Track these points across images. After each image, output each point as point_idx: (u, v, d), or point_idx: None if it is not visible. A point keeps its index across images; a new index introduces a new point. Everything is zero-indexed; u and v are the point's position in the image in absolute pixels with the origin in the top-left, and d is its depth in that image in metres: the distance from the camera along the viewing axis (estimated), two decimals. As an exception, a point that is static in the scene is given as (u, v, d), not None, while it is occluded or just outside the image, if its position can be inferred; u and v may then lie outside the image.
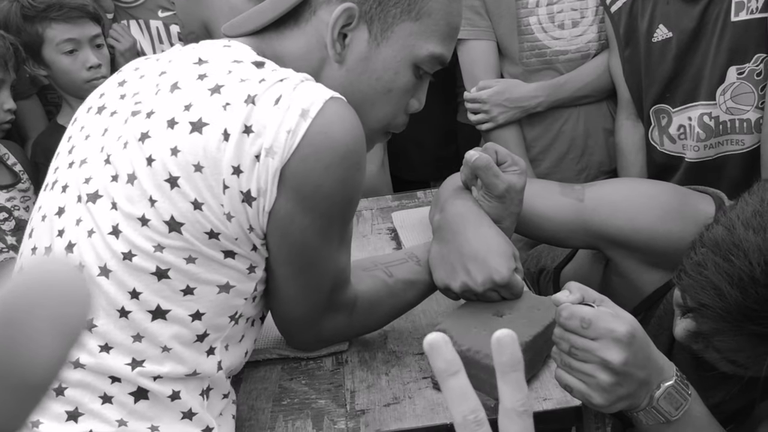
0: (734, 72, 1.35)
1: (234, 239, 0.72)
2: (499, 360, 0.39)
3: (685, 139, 1.43)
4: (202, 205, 0.70)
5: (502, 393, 0.39)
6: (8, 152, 1.58)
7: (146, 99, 0.76)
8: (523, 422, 0.39)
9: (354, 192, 0.76)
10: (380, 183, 1.78)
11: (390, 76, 0.82)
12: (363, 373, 0.92)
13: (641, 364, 0.69)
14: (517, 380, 0.39)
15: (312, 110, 0.70)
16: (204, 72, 0.75)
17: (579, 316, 0.69)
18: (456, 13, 0.85)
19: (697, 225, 0.80)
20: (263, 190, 0.70)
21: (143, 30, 1.97)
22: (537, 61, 1.60)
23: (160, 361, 0.73)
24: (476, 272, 0.86)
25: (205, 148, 0.69)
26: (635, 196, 0.98)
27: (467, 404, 0.38)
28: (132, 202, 0.71)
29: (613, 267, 1.03)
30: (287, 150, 0.69)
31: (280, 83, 0.72)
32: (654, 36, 1.42)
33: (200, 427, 0.75)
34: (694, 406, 0.72)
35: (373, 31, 0.80)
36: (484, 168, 0.91)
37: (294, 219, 0.73)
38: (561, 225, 1.02)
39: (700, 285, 0.73)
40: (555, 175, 1.63)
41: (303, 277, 0.80)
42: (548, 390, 0.83)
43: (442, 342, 0.38)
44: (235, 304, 0.76)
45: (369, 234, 1.36)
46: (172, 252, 0.71)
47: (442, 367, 0.38)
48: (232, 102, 0.71)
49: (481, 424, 0.38)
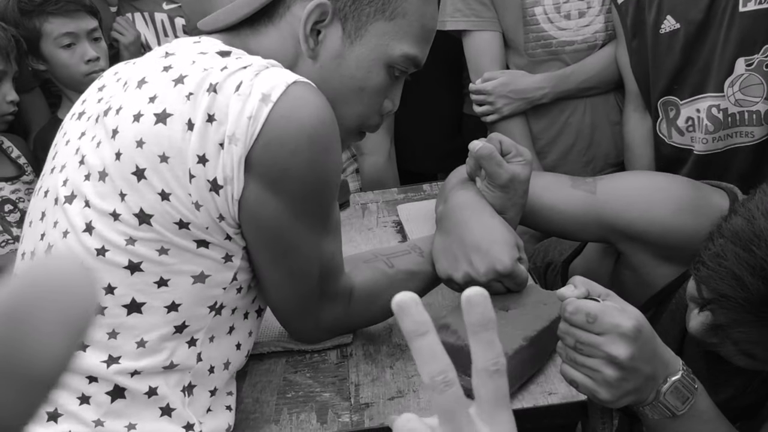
0: (743, 63, 1.33)
1: (204, 228, 0.72)
2: (469, 320, 0.38)
3: (693, 132, 1.42)
4: (170, 195, 0.70)
5: (474, 353, 0.38)
6: (12, 145, 1.58)
7: (116, 96, 0.77)
8: (495, 382, 0.38)
9: (327, 175, 0.75)
10: (387, 175, 1.78)
11: (363, 74, 0.82)
12: (367, 367, 0.92)
13: (647, 358, 0.69)
14: (489, 339, 0.38)
15: (273, 95, 0.70)
16: (169, 64, 0.76)
17: (584, 311, 0.68)
18: (430, 16, 0.85)
19: (711, 219, 0.79)
20: (229, 178, 0.70)
21: (148, 23, 1.96)
22: (543, 52, 1.59)
23: (136, 356, 0.73)
24: (478, 262, 0.85)
25: (170, 139, 0.70)
26: (649, 189, 0.97)
27: (436, 365, 0.37)
28: (104, 198, 0.72)
29: (624, 261, 1.02)
30: (250, 136, 0.69)
31: (242, 70, 0.72)
32: (662, 27, 1.40)
33: (180, 424, 0.75)
34: (700, 400, 0.72)
35: (347, 29, 0.80)
36: (487, 157, 0.91)
37: (265, 204, 0.73)
38: (572, 218, 1.01)
39: (719, 276, 0.72)
40: (561, 168, 1.62)
41: (285, 264, 0.79)
42: (554, 385, 0.83)
43: (412, 302, 0.37)
44: (212, 294, 0.76)
45: (374, 227, 1.36)
46: (144, 244, 0.71)
47: (410, 327, 0.37)
48: (195, 91, 0.71)
49: (450, 385, 0.37)
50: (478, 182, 0.96)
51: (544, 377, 0.84)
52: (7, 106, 1.50)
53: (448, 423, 0.38)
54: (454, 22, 1.63)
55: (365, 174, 1.77)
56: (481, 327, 0.38)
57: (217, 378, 0.80)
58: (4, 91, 1.49)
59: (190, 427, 0.76)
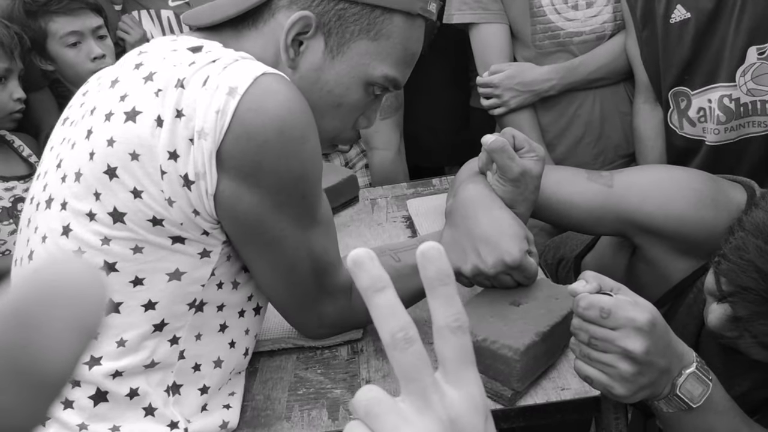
0: (755, 52, 1.32)
1: (179, 224, 0.72)
2: (425, 274, 0.36)
3: (705, 122, 1.40)
4: (142, 192, 0.71)
5: (433, 309, 0.36)
6: (23, 144, 1.59)
7: (92, 98, 0.78)
8: (458, 339, 0.36)
9: (303, 166, 0.74)
10: (397, 170, 1.78)
11: (341, 90, 0.82)
12: (378, 363, 0.92)
13: (662, 352, 0.68)
14: (448, 294, 0.36)
15: (240, 88, 0.69)
16: (140, 62, 0.76)
17: (598, 306, 0.67)
18: (415, 39, 0.85)
19: (729, 213, 0.79)
20: (201, 173, 0.70)
21: (154, 20, 1.96)
22: (550, 44, 1.58)
23: (117, 356, 0.74)
24: (487, 254, 0.85)
25: (140, 136, 0.70)
26: (667, 183, 0.96)
27: (396, 321, 0.35)
28: (79, 198, 0.73)
29: (640, 255, 1.02)
30: (219, 131, 0.69)
31: (210, 65, 0.72)
32: (672, 17, 1.39)
33: (164, 423, 0.75)
34: (715, 391, 0.71)
35: (330, 44, 0.80)
36: (499, 150, 0.90)
37: (241, 199, 0.73)
38: (589, 211, 1.00)
39: (741, 268, 0.72)
40: (571, 160, 1.61)
41: (270, 257, 0.79)
42: (566, 380, 0.82)
43: (367, 258, 0.35)
44: (190, 291, 0.76)
45: (384, 222, 1.35)
46: (118, 243, 0.72)
47: (367, 283, 0.35)
48: (164, 88, 0.71)
49: (411, 342, 0.35)
50: (489, 176, 0.95)
51: (556, 372, 0.84)
52: (14, 104, 1.51)
53: (411, 383, 0.35)
54: (461, 14, 1.62)
55: (375, 169, 1.77)
56: (439, 282, 0.36)
57: (206, 376, 0.80)
58: (11, 89, 1.50)
59: (174, 426, 0.76)
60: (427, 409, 0.35)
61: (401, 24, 0.82)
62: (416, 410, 0.35)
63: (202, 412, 0.79)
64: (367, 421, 0.35)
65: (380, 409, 0.35)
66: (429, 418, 0.35)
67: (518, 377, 0.78)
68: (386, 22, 0.81)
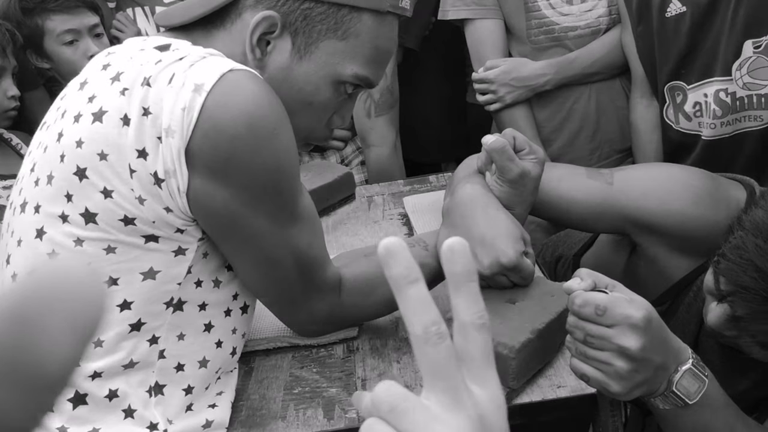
0: (750, 46, 1.31)
1: (151, 222, 0.72)
2: (452, 269, 0.35)
3: (701, 117, 1.40)
4: (112, 192, 0.71)
5: (457, 306, 0.36)
6: (21, 142, 1.59)
7: (64, 102, 0.78)
8: (482, 337, 0.35)
9: (276, 161, 0.74)
10: (393, 167, 1.77)
11: (311, 90, 0.81)
12: (374, 361, 0.91)
13: (658, 348, 0.68)
14: (473, 291, 0.35)
15: (207, 84, 0.69)
16: (108, 62, 0.76)
17: (593, 304, 0.67)
18: (386, 38, 0.84)
19: (729, 211, 0.79)
20: (171, 171, 0.70)
21: (148, 17, 1.95)
22: (545, 39, 1.57)
23: (95, 357, 0.73)
24: (483, 255, 0.84)
25: (107, 136, 0.70)
26: (667, 180, 0.96)
27: (429, 315, 0.34)
28: (52, 201, 0.73)
29: (639, 253, 1.01)
30: (186, 128, 0.69)
31: (177, 62, 0.71)
32: (668, 11, 1.38)
33: (143, 425, 0.75)
34: (711, 387, 0.71)
35: (297, 44, 0.80)
36: (499, 151, 0.89)
37: (214, 196, 0.72)
38: (589, 208, 0.99)
39: (741, 268, 0.72)
40: (567, 155, 1.61)
41: (249, 254, 0.78)
42: (563, 378, 0.82)
43: (400, 247, 0.34)
44: (166, 290, 0.75)
45: (380, 220, 1.35)
46: (91, 244, 0.72)
47: (401, 273, 0.34)
48: (130, 86, 0.71)
49: (444, 338, 0.34)
50: (488, 176, 0.95)
51: (553, 370, 0.83)
52: (9, 102, 1.50)
53: (441, 380, 0.34)
54: (456, 11, 1.62)
55: (371, 166, 1.76)
56: (465, 278, 0.35)
57: (190, 376, 0.79)
58: (5, 87, 1.49)
59: (154, 427, 0.76)
60: (457, 407, 0.34)
61: (370, 22, 0.81)
62: (445, 408, 0.34)
63: (187, 412, 0.79)
64: (390, 418, 0.33)
65: (407, 405, 0.33)
66: (460, 416, 0.34)
67: (514, 375, 0.77)
68: (354, 20, 0.80)
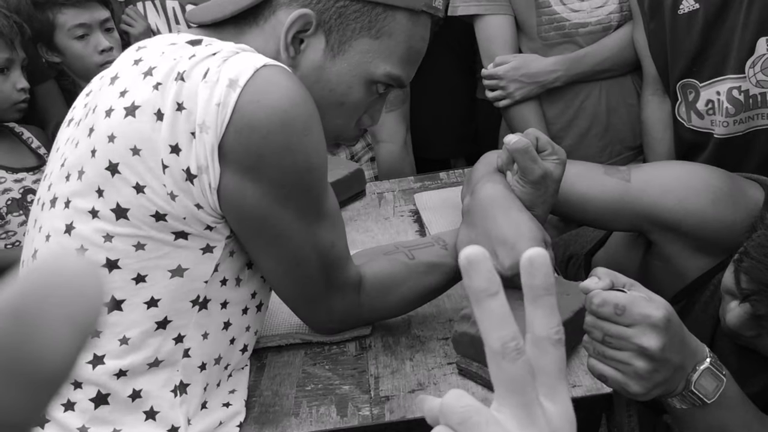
0: (764, 43, 1.30)
1: (182, 218, 0.72)
2: (531, 282, 0.35)
3: (713, 115, 1.39)
4: (144, 187, 0.70)
5: (534, 320, 0.35)
6: (32, 136, 1.59)
7: (94, 97, 0.77)
8: (558, 351, 0.35)
9: (307, 158, 0.73)
10: (403, 163, 1.77)
11: (343, 89, 0.81)
12: (387, 359, 0.91)
13: (677, 348, 0.68)
14: (551, 305, 0.35)
15: (240, 80, 0.69)
16: (139, 57, 0.75)
17: (613, 303, 0.67)
18: (419, 37, 0.83)
19: (747, 210, 0.78)
20: (204, 167, 0.70)
21: (159, 11, 1.95)
22: (556, 35, 1.56)
23: (120, 354, 0.73)
24: (504, 256, 0.84)
25: (140, 131, 0.70)
26: (686, 179, 0.95)
27: (508, 330, 0.33)
28: (82, 196, 0.72)
29: (655, 251, 1.01)
30: (220, 124, 0.68)
31: (210, 57, 0.71)
32: (680, 8, 1.37)
33: (164, 428, 0.75)
34: (729, 386, 0.71)
35: (331, 42, 0.79)
36: (522, 151, 0.89)
37: (245, 193, 0.72)
38: (606, 206, 0.99)
39: (765, 265, 0.71)
40: (578, 152, 1.60)
41: (276, 252, 0.78)
42: (578, 377, 0.81)
43: (482, 257, 0.33)
44: (193, 288, 0.75)
45: (391, 216, 1.35)
46: (121, 240, 0.71)
47: (481, 285, 0.33)
48: (163, 81, 0.70)
49: (521, 353, 0.33)
50: (509, 176, 0.94)
51: (567, 369, 0.83)
52: (18, 94, 1.50)
53: (516, 396, 0.33)
54: (466, 6, 1.61)
55: (381, 162, 1.76)
56: (544, 291, 0.35)
57: (208, 374, 0.79)
58: (14, 79, 1.49)
59: (174, 431, 0.75)
60: (530, 424, 0.33)
61: (404, 21, 0.81)
62: (519, 424, 0.33)
63: (202, 410, 0.79)
64: (461, 429, 0.33)
65: (479, 419, 0.33)
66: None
67: (529, 374, 0.77)
68: (388, 19, 0.80)
